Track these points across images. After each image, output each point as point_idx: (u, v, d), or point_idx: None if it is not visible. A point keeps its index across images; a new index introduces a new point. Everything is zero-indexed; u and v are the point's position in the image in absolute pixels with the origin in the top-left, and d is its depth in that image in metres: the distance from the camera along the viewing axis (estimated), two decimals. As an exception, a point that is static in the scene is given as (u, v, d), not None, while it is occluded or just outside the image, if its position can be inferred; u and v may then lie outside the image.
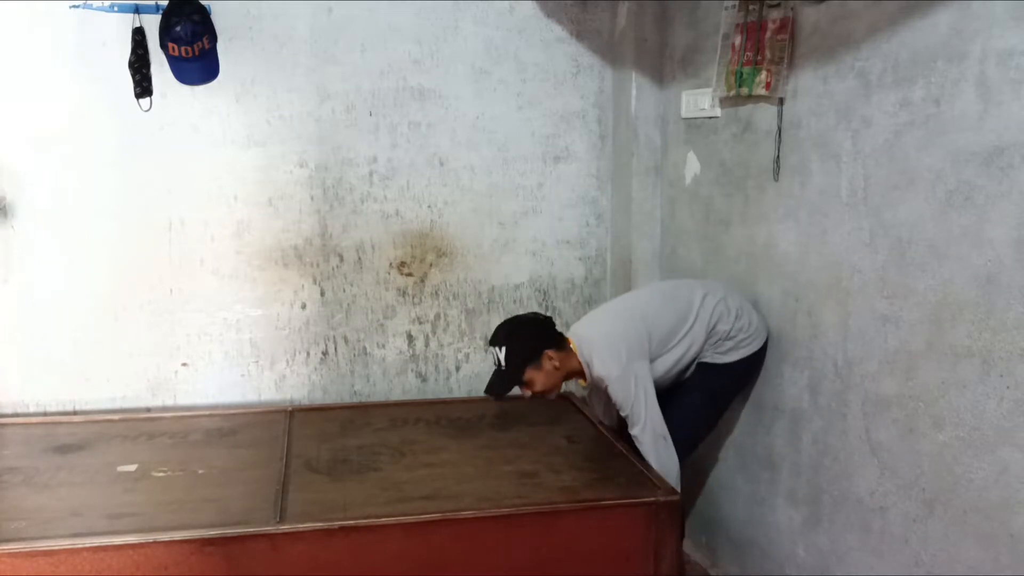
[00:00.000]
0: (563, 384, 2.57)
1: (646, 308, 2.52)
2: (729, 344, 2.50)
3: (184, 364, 2.98)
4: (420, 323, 3.20)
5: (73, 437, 2.60)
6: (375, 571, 2.06)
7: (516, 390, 2.51)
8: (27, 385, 2.85)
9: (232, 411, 2.89)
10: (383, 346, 3.17)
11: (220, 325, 2.99)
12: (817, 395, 2.34)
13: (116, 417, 2.77)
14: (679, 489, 2.35)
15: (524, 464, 2.47)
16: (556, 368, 2.46)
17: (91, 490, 2.22)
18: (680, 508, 2.30)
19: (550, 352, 2.45)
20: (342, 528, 2.03)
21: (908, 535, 2.04)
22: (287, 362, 3.08)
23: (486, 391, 2.52)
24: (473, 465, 2.46)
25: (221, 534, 1.97)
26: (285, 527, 2.01)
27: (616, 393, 2.41)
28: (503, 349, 2.45)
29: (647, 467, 2.39)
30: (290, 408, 2.90)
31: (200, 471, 2.35)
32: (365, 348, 3.15)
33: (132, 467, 2.36)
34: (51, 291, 2.83)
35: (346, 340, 3.13)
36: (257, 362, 3.05)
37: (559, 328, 2.58)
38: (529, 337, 2.47)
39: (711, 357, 2.53)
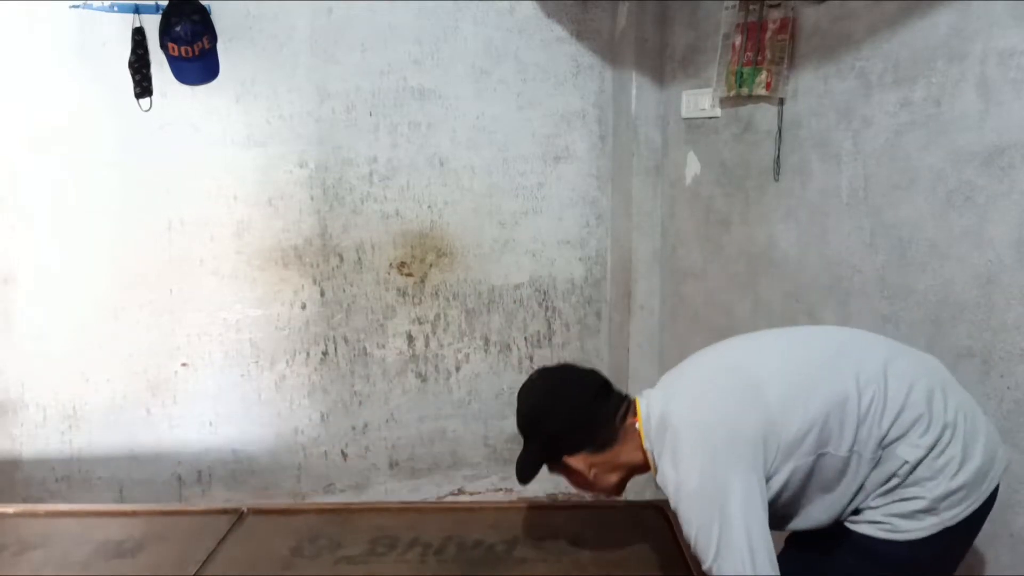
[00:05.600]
0: (626, 480, 1.63)
1: (774, 383, 1.44)
2: (912, 499, 1.40)
3: (184, 364, 2.98)
4: (420, 323, 3.20)
5: None
6: None
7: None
8: (27, 385, 2.85)
9: (160, 511, 2.10)
10: (383, 346, 3.17)
11: (220, 325, 2.99)
12: (817, 395, 2.33)
13: (12, 510, 2.07)
14: None
15: None
16: (594, 475, 1.60)
17: None
18: None
19: (577, 458, 1.58)
20: None
21: (908, 535, 2.03)
22: (287, 362, 3.07)
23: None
24: None
25: None
26: None
27: (689, 521, 1.39)
28: (522, 435, 1.66)
29: None
30: (244, 509, 2.07)
31: None
32: (365, 348, 3.15)
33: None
34: (51, 291, 2.83)
35: (346, 340, 3.12)
36: (257, 362, 3.04)
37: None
38: (551, 437, 1.59)
39: (873, 524, 1.43)
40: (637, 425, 1.54)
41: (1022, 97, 1.70)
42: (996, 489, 1.47)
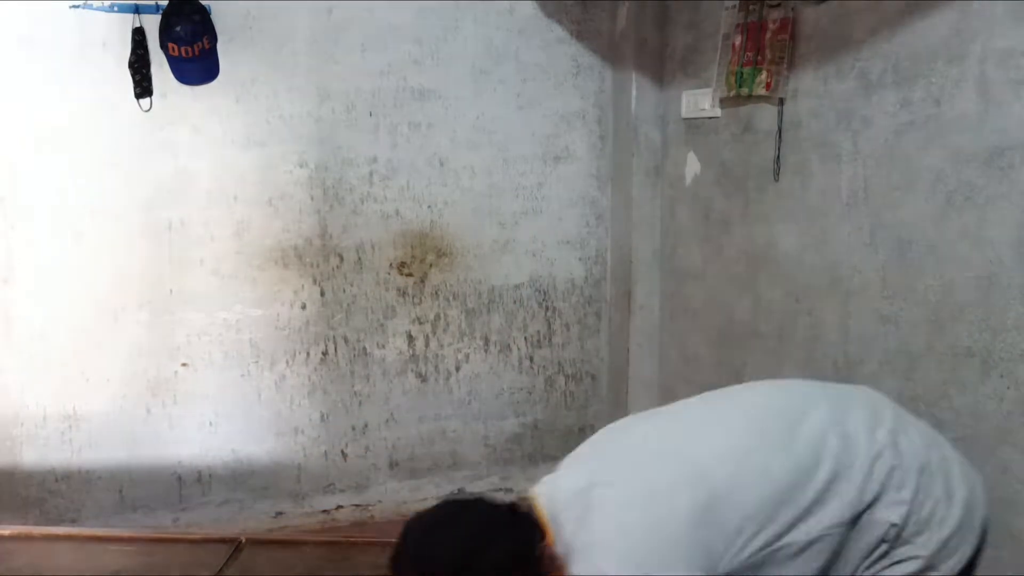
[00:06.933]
0: None
1: (718, 460, 1.25)
2: (906, 561, 1.25)
3: (184, 364, 2.98)
4: (420, 323, 3.20)
5: None
6: None
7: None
8: (27, 386, 2.85)
9: (157, 537, 2.02)
10: (383, 346, 3.17)
11: (220, 325, 2.99)
12: (817, 395, 2.33)
13: (7, 531, 1.99)
14: None
15: None
16: None
17: None
18: None
19: None
20: None
21: (908, 535, 2.03)
22: (287, 362, 3.07)
23: None
24: None
25: None
26: None
27: None
28: None
29: None
30: (243, 539, 1.95)
31: None
32: (365, 348, 3.15)
33: None
34: (51, 291, 2.83)
35: (346, 340, 3.12)
36: (257, 362, 3.04)
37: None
38: None
39: None
40: (549, 536, 1.25)
41: (1022, 97, 1.70)
42: (986, 524, 1.31)
